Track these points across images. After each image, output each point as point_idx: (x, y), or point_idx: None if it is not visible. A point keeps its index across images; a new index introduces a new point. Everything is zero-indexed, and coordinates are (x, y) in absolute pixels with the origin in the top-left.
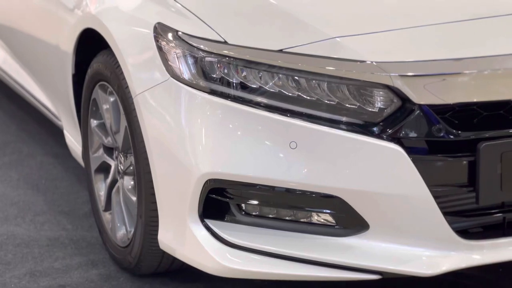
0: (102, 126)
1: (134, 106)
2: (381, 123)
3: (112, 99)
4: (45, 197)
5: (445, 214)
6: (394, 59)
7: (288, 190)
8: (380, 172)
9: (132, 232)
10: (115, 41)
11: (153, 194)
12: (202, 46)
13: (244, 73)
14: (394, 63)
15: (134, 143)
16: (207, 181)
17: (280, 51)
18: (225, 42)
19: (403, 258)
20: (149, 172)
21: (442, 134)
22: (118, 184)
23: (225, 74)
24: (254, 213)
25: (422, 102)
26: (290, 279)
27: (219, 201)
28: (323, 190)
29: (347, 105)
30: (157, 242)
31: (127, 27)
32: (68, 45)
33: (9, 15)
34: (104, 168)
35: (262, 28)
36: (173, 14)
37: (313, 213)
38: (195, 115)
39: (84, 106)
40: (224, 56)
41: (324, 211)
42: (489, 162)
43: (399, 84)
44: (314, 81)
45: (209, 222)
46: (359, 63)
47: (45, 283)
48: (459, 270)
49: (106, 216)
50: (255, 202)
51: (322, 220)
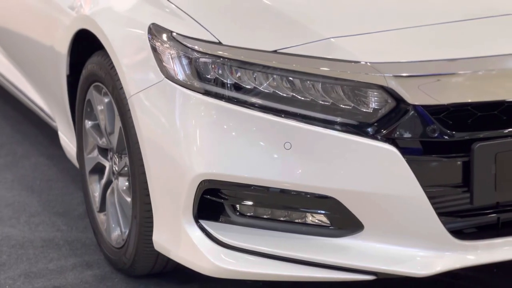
0: (97, 127)
1: (128, 107)
2: (375, 124)
3: (106, 100)
4: (40, 198)
5: (440, 214)
6: (389, 59)
7: (283, 191)
8: (375, 173)
9: (126, 233)
10: (110, 42)
11: (148, 195)
12: (196, 47)
13: (239, 74)
14: (388, 64)
15: (129, 144)
16: (201, 182)
17: (275, 51)
18: (220, 43)
19: (397, 259)
20: (144, 173)
21: (436, 134)
22: (113, 185)
23: (220, 75)
24: (248, 214)
25: (416, 103)
26: (285, 279)
27: (214, 202)
28: (317, 190)
29: (341, 105)
30: (151, 243)
31: (122, 28)
32: (63, 46)
33: (3, 15)
34: (98, 169)
35: (256, 29)
36: (168, 15)
37: (307, 213)
38: (190, 116)
39: (78, 107)
40: (219, 57)
41: (319, 211)
42: (483, 162)
43: (394, 84)
44: (308, 82)
45: (204, 223)
46: (353, 63)
47: (40, 284)
48: (454, 271)
49: (101, 217)
50: (250, 202)
51: (316, 221)
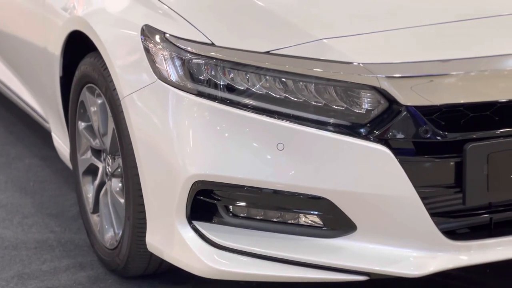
0: (90, 128)
1: (121, 108)
2: (368, 125)
3: (99, 101)
4: (33, 200)
5: (432, 215)
6: (381, 60)
7: (276, 192)
8: (368, 173)
9: (120, 234)
10: (103, 43)
11: (141, 196)
12: (189, 48)
13: (231, 75)
14: (381, 65)
15: (122, 145)
16: (194, 183)
17: (267, 52)
18: (212, 44)
19: (390, 259)
20: (137, 174)
21: (429, 135)
22: (106, 186)
23: (212, 76)
24: (241, 215)
25: (409, 104)
26: (278, 280)
27: (207, 203)
28: (310, 191)
29: (334, 106)
30: (145, 244)
31: (115, 29)
32: (56, 47)
33: None
34: (92, 170)
35: (249, 30)
36: (160, 16)
37: (300, 214)
38: (183, 117)
39: (71, 109)
40: (211, 58)
41: (312, 212)
42: (475, 163)
43: (386, 85)
44: (301, 83)
45: (197, 223)
46: (346, 64)
47: (33, 286)
48: (447, 271)
49: (94, 218)
50: (243, 203)
51: (309, 222)
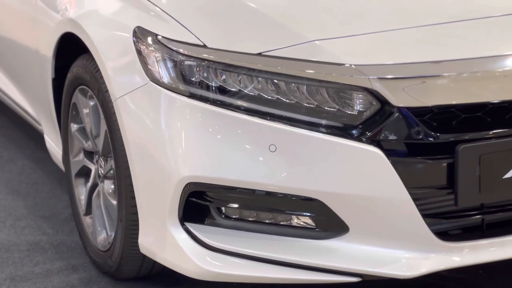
0: (83, 130)
1: (114, 110)
2: (360, 126)
3: (92, 103)
4: (26, 202)
5: (425, 216)
6: (373, 61)
7: (268, 193)
8: (360, 175)
9: (112, 236)
10: (95, 45)
11: (133, 198)
12: (181, 50)
13: (224, 77)
14: (373, 66)
15: (114, 147)
16: (187, 185)
17: (259, 54)
18: (204, 46)
19: (382, 260)
20: (129, 176)
21: (421, 136)
22: (99, 188)
23: (205, 78)
24: (234, 216)
25: (401, 105)
26: (270, 282)
27: (199, 205)
28: (302, 193)
29: (326, 108)
30: (137, 246)
31: (107, 31)
32: (48, 49)
33: None
34: (84, 172)
35: (241, 32)
36: (153, 18)
37: (293, 216)
38: (175, 118)
39: (64, 111)
40: (203, 59)
41: (304, 214)
42: (467, 164)
43: (378, 86)
44: (293, 84)
45: (189, 225)
46: (338, 66)
47: None
48: (439, 272)
49: (87, 220)
50: (235, 205)
51: (302, 223)
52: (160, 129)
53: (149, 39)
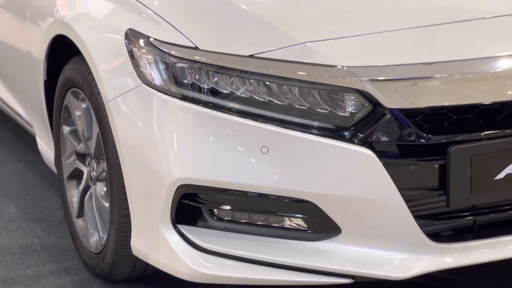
0: (75, 132)
1: (106, 112)
2: (352, 128)
3: (84, 105)
4: (18, 204)
5: (416, 217)
6: (365, 63)
7: (260, 195)
8: (352, 177)
9: (105, 238)
10: (87, 48)
11: (126, 200)
12: (173, 52)
13: (216, 79)
14: (364, 68)
15: (107, 149)
16: (179, 187)
17: (251, 56)
18: (196, 48)
19: (375, 262)
20: (122, 178)
21: (413, 138)
22: (91, 190)
23: (197, 80)
24: (226, 218)
25: (393, 106)
26: (263, 283)
27: (192, 207)
28: (295, 194)
29: (318, 109)
30: (130, 248)
31: (99, 33)
32: (40, 51)
33: None
34: (76, 175)
35: (233, 34)
36: (144, 20)
37: (285, 217)
38: (167, 120)
39: (56, 113)
40: (195, 61)
41: (296, 215)
42: (459, 165)
43: (370, 88)
44: (285, 86)
45: (182, 227)
46: (330, 67)
47: None
48: (431, 273)
49: (79, 223)
50: (228, 207)
51: (294, 225)
52: (152, 131)
53: (141, 41)
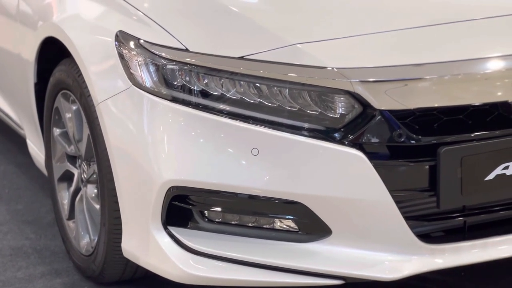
0: (65, 134)
1: (96, 114)
2: (342, 129)
3: (74, 107)
4: (8, 207)
5: (407, 218)
6: (355, 65)
7: (251, 197)
8: (342, 178)
9: (95, 240)
10: (77, 50)
11: (116, 202)
12: (163, 54)
13: (206, 81)
14: (355, 69)
15: (97, 151)
16: (169, 188)
17: (241, 58)
18: (186, 50)
19: (365, 263)
20: (112, 180)
21: (403, 139)
22: (82, 192)
23: (187, 82)
24: (217, 220)
25: (383, 108)
26: (254, 285)
27: (182, 208)
28: (285, 196)
29: (308, 111)
30: (120, 250)
31: (89, 36)
32: (30, 53)
33: None
34: (67, 177)
35: (223, 35)
36: (135, 22)
37: (275, 219)
38: (157, 122)
39: (46, 115)
40: (186, 63)
41: (287, 217)
42: (449, 166)
43: (360, 90)
44: (275, 88)
45: (172, 229)
46: (320, 69)
47: None
48: (421, 274)
49: (70, 225)
50: (218, 208)
51: (284, 226)
52: (143, 133)
53: (131, 43)
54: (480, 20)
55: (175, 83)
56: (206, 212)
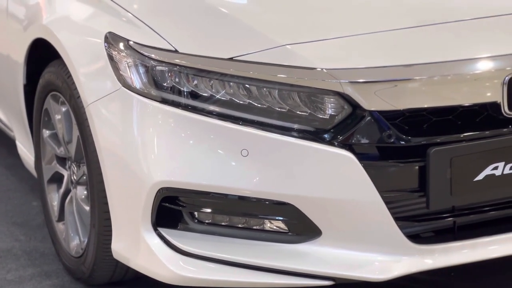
0: (55, 136)
1: (86, 116)
2: (332, 130)
3: (64, 109)
4: None
5: (396, 219)
6: (345, 66)
7: (241, 198)
8: (332, 179)
9: (85, 242)
10: (66, 51)
11: (106, 204)
12: (153, 55)
13: (195, 82)
14: (344, 70)
15: (87, 153)
16: (159, 190)
17: (231, 59)
18: (176, 51)
19: (355, 264)
20: (102, 181)
21: (392, 140)
22: (71, 194)
23: (176, 83)
24: (207, 221)
25: (372, 109)
26: (244, 286)
27: (172, 210)
28: (275, 197)
29: (298, 112)
30: (110, 252)
31: (78, 37)
32: (19, 55)
33: None
34: (57, 178)
35: (212, 37)
36: (124, 23)
37: (265, 220)
38: (147, 124)
39: (36, 117)
40: (175, 65)
41: (277, 218)
42: (439, 167)
43: (350, 90)
44: (265, 89)
45: (162, 230)
46: (309, 70)
47: None
48: (411, 275)
49: (60, 227)
50: (208, 210)
51: (274, 227)
52: (133, 134)
53: (121, 45)
54: (469, 21)
55: (165, 84)
56: (196, 213)
